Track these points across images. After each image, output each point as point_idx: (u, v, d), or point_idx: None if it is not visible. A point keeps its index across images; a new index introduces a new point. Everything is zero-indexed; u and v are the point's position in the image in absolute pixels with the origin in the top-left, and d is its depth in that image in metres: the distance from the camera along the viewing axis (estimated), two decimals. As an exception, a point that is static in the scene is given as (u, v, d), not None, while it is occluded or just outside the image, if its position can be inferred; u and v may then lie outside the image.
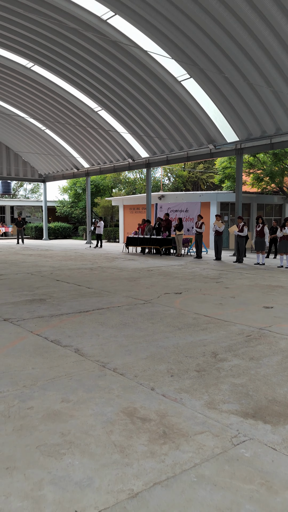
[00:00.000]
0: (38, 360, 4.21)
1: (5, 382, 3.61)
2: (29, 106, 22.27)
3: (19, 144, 28.00)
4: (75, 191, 36.43)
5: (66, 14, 13.63)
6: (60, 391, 3.45)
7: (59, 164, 27.96)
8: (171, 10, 12.26)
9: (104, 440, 2.68)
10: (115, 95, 17.96)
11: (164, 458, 2.50)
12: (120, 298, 7.67)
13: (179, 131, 18.09)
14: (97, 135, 22.16)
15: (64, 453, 2.53)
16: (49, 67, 17.63)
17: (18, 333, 5.20)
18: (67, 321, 5.85)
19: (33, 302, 7.24)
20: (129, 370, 3.96)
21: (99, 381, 3.68)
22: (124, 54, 15.23)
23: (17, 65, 18.39)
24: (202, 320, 5.98)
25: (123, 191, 40.00)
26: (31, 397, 3.32)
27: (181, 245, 17.57)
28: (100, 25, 13.95)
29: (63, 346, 4.68)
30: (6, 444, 2.62)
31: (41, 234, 33.33)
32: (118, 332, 5.28)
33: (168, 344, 4.81)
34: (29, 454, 2.52)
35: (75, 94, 19.65)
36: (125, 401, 3.27)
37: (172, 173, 40.71)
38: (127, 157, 22.31)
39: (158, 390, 3.49)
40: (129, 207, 28.01)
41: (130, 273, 11.43)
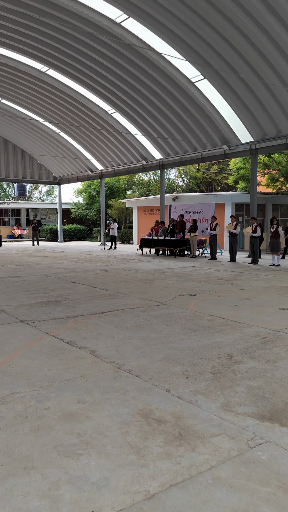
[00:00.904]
0: (54, 361, 4.25)
1: (22, 383, 3.66)
2: (44, 110, 22.52)
3: (34, 147, 28.32)
4: (90, 193, 36.66)
5: (80, 17, 13.76)
6: (76, 392, 3.48)
7: (73, 166, 28.18)
8: (185, 11, 12.27)
9: (120, 441, 2.70)
10: (129, 97, 18.04)
11: (180, 459, 2.51)
12: (134, 300, 7.70)
13: (193, 132, 18.07)
14: (111, 137, 22.28)
15: (81, 453, 2.55)
16: (64, 70, 17.80)
17: (34, 335, 5.26)
18: (82, 323, 5.89)
19: (49, 304, 7.31)
20: (144, 371, 3.97)
21: (115, 382, 3.70)
22: (138, 56, 15.29)
23: (32, 69, 18.62)
24: (217, 322, 5.96)
25: (137, 193, 40.08)
26: (47, 398, 3.36)
27: (196, 247, 17.52)
28: (114, 28, 14.03)
29: (79, 347, 4.72)
30: (23, 444, 2.66)
31: (56, 236, 33.62)
32: (133, 334, 5.30)
33: (183, 346, 4.80)
34: (46, 454, 2.55)
35: (90, 97, 19.80)
36: (141, 403, 3.28)
37: (186, 174, 40.64)
38: (141, 159, 22.37)
39: (174, 392, 3.50)
40: (143, 208, 28.06)
41: (144, 274, 11.45)
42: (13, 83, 20.36)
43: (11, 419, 2.98)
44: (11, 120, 25.10)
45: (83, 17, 13.74)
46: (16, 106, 23.51)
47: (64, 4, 13.25)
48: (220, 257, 17.25)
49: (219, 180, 40.93)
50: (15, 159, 29.36)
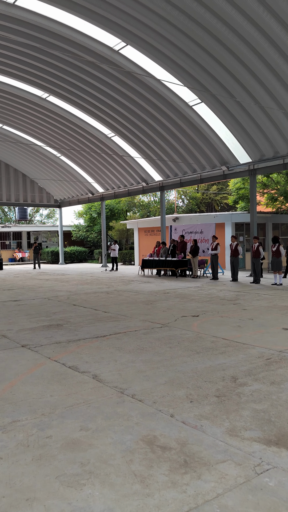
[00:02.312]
0: (56, 387, 4.20)
1: (23, 410, 3.61)
2: (45, 135, 22.90)
3: (35, 171, 28.67)
4: (90, 216, 36.90)
5: (80, 46, 14.14)
6: (78, 419, 3.43)
7: (74, 189, 28.46)
8: (181, 38, 12.61)
9: (124, 470, 2.64)
10: (128, 121, 18.36)
11: (185, 488, 2.45)
12: (137, 322, 7.65)
13: (192, 154, 18.31)
14: (111, 161, 22.57)
15: (84, 483, 2.50)
16: (64, 97, 18.18)
17: (35, 360, 5.22)
18: (84, 347, 5.85)
19: (50, 327, 7.27)
20: (148, 396, 3.91)
21: (118, 408, 3.65)
22: (136, 82, 15.64)
23: (33, 96, 19.02)
24: (220, 344, 5.91)
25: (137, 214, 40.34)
26: (49, 425, 3.31)
27: (197, 267, 17.51)
28: (113, 55, 14.40)
29: (81, 372, 4.67)
30: (25, 474, 2.60)
31: (57, 258, 33.68)
32: (135, 357, 5.25)
33: (186, 368, 4.75)
34: (49, 484, 2.49)
35: (89, 122, 20.16)
36: (145, 429, 3.22)
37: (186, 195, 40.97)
38: (141, 181, 22.60)
39: (178, 417, 3.44)
40: (144, 229, 28.18)
41: (146, 296, 11.41)
42: (14, 109, 20.77)
43: (13, 449, 2.93)
44: (13, 145, 25.50)
45: (83, 45, 14.12)
46: (17, 132, 23.92)
47: (64, 34, 13.64)
48: (222, 277, 17.22)
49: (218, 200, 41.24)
50: (16, 183, 29.69)
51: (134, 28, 12.61)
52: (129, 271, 22.58)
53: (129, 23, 12.44)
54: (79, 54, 14.38)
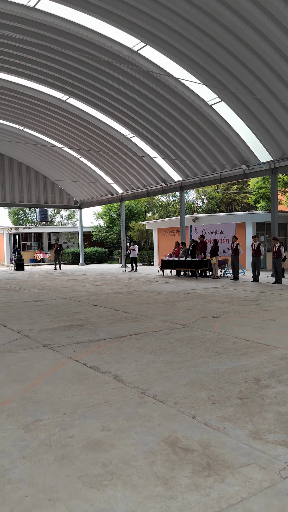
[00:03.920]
0: (78, 387, 4.21)
1: (46, 410, 3.62)
2: (65, 137, 23.11)
3: (56, 173, 28.97)
4: (110, 216, 37.06)
5: (98, 47, 14.22)
6: (100, 419, 3.42)
7: (94, 190, 28.64)
8: (200, 37, 12.53)
9: (146, 471, 2.62)
10: (147, 122, 18.36)
11: (209, 491, 2.41)
12: (157, 322, 7.62)
13: (212, 153, 18.17)
14: (131, 161, 22.61)
15: (106, 484, 2.48)
16: (83, 98, 18.31)
17: (57, 359, 5.25)
18: (105, 347, 5.85)
19: (71, 327, 7.31)
20: (169, 397, 3.88)
21: (139, 408, 3.62)
22: (155, 82, 15.62)
23: (53, 98, 19.22)
24: (242, 345, 5.82)
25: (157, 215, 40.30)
26: (71, 425, 3.31)
27: (217, 267, 17.36)
28: (132, 56, 14.42)
29: (102, 372, 4.67)
30: (48, 474, 2.60)
31: (77, 259, 33.94)
32: (156, 358, 5.22)
33: (208, 370, 4.70)
34: (71, 485, 2.49)
35: (109, 123, 20.24)
36: (166, 430, 3.19)
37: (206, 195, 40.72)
38: (160, 181, 22.56)
39: (200, 419, 3.40)
40: (163, 230, 28.12)
41: (166, 296, 11.37)
42: (35, 112, 21.03)
43: (35, 448, 2.94)
44: (34, 147, 25.83)
45: (102, 46, 14.19)
46: (38, 134, 24.22)
47: (83, 35, 13.73)
48: (243, 277, 17.03)
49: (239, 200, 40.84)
50: (37, 185, 30.06)
51: (152, 28, 12.59)
52: (148, 271, 22.57)
53: (148, 23, 12.43)
54: (98, 56, 14.45)
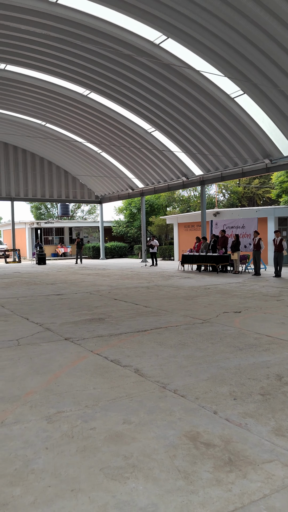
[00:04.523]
0: (99, 380, 4.24)
1: (68, 402, 3.67)
2: (86, 131, 23.20)
3: (77, 168, 29.15)
4: (130, 211, 37.12)
5: (120, 41, 14.17)
6: (121, 412, 3.44)
7: (114, 185, 28.70)
8: (223, 29, 12.34)
9: (167, 465, 2.62)
10: (168, 116, 18.25)
11: (231, 486, 2.39)
12: (177, 317, 7.61)
13: (233, 147, 17.94)
14: (151, 156, 22.54)
15: (128, 477, 2.50)
16: (104, 93, 18.32)
17: (79, 353, 5.30)
18: (126, 341, 5.87)
19: (92, 321, 7.37)
20: (190, 392, 3.87)
21: (160, 402, 3.63)
22: (176, 75, 15.49)
23: (75, 93, 19.30)
24: (264, 340, 5.76)
25: (177, 209, 40.14)
26: (93, 417, 3.34)
27: (239, 262, 17.19)
28: (153, 49, 14.33)
29: (123, 366, 4.69)
30: (70, 465, 2.64)
31: (98, 253, 34.16)
32: (177, 352, 5.21)
33: (229, 365, 4.66)
34: (93, 476, 2.51)
35: (130, 117, 20.21)
36: (187, 425, 3.19)
37: (227, 189, 40.30)
38: (181, 176, 22.43)
39: (221, 414, 3.38)
40: (183, 225, 28.00)
41: (187, 291, 11.33)
42: (56, 107, 21.17)
43: (58, 439, 2.98)
44: (55, 143, 26.04)
45: (123, 40, 14.14)
46: (59, 129, 24.39)
47: (104, 29, 13.71)
48: (264, 273, 16.82)
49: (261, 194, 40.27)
50: (58, 179, 30.33)
51: (174, 20, 12.47)
52: (168, 266, 22.54)
53: (170, 15, 12.31)
54: (119, 49, 14.42)
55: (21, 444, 2.91)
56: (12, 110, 22.72)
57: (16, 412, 3.47)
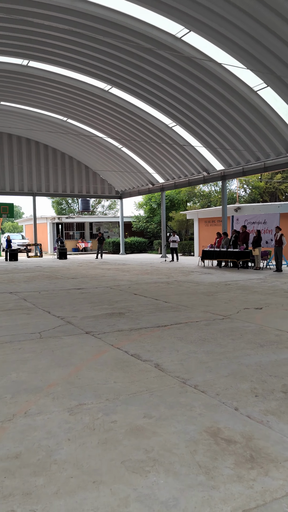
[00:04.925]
0: (120, 374, 4.27)
1: (89, 395, 3.71)
2: (107, 127, 23.25)
3: (97, 163, 29.27)
4: (150, 206, 37.08)
5: (141, 35, 14.11)
6: (142, 406, 3.46)
7: (135, 180, 28.71)
8: (246, 20, 12.14)
9: (188, 460, 2.63)
10: (189, 110, 18.11)
11: (252, 483, 2.38)
12: (198, 313, 7.58)
13: (256, 141, 17.68)
14: (172, 150, 22.43)
15: (149, 470, 2.51)
16: (126, 88, 18.30)
17: (99, 347, 5.34)
18: (146, 335, 5.89)
19: (113, 315, 7.42)
20: (211, 387, 3.86)
21: (180, 398, 3.63)
22: (198, 69, 15.34)
23: (96, 88, 19.35)
24: (285, 337, 5.68)
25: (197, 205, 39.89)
26: (114, 411, 3.37)
27: (260, 258, 17.00)
28: (175, 42, 14.22)
29: (143, 360, 4.71)
30: (92, 457, 2.67)
31: (118, 248, 34.29)
32: (197, 348, 5.20)
33: (250, 361, 4.63)
34: (115, 468, 2.54)
35: (150, 112, 20.15)
36: (208, 420, 3.18)
37: (248, 184, 39.81)
38: (202, 171, 22.26)
39: (242, 411, 3.36)
40: (204, 220, 27.82)
41: (207, 287, 11.27)
42: (78, 103, 21.27)
43: (80, 431, 3.02)
44: (76, 138, 26.18)
45: (145, 34, 14.07)
46: (80, 125, 24.51)
47: (126, 24, 13.67)
48: (286, 269, 16.57)
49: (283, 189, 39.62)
50: (79, 175, 30.52)
51: (197, 13, 12.33)
52: (188, 262, 22.46)
53: (192, 8, 12.18)
54: (141, 44, 14.36)
55: (44, 435, 2.96)
56: (34, 106, 22.95)
57: (39, 403, 3.53)
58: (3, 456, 2.69)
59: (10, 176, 28.17)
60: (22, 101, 22.32)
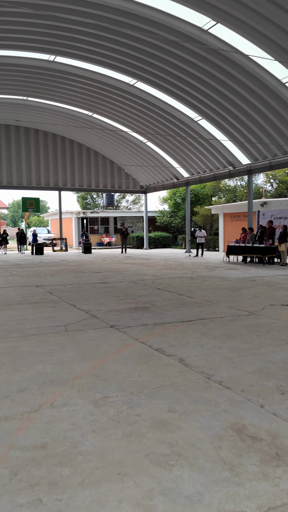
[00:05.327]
0: (144, 368, 4.28)
1: (113, 388, 3.74)
2: (132, 121, 23.23)
3: (122, 158, 29.31)
4: (175, 201, 36.91)
5: (167, 28, 13.99)
6: (166, 400, 3.46)
7: (159, 175, 28.62)
8: (274, 11, 11.87)
9: (212, 455, 2.61)
10: (215, 103, 17.88)
11: (278, 481, 2.35)
12: (222, 308, 7.52)
13: (283, 135, 17.31)
14: (197, 144, 22.24)
15: (173, 464, 2.52)
16: (151, 82, 18.21)
17: (124, 340, 5.37)
18: (170, 330, 5.89)
19: (137, 310, 7.44)
20: (236, 384, 3.82)
21: (205, 393, 3.61)
22: (225, 61, 15.10)
23: (122, 83, 19.34)
24: (313, 335, 5.57)
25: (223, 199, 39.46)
26: (138, 404, 3.38)
27: (286, 254, 16.69)
28: (201, 35, 14.03)
29: (167, 355, 4.71)
30: (116, 449, 2.69)
31: (142, 243, 34.33)
32: (222, 344, 5.16)
33: (276, 358, 4.56)
34: (139, 461, 2.55)
35: (176, 106, 20.00)
36: (233, 417, 3.16)
37: (275, 179, 39.08)
38: (227, 165, 21.99)
39: (268, 408, 3.31)
40: (229, 215, 27.52)
41: (232, 283, 11.16)
42: (103, 97, 21.32)
43: (104, 423, 3.05)
44: (101, 133, 26.29)
45: (170, 27, 13.95)
46: (105, 119, 24.57)
47: (151, 17, 13.58)
48: (314, 265, 16.21)
49: (311, 183, 38.70)
50: (104, 169, 30.66)
51: (224, 4, 12.12)
52: (213, 257, 22.28)
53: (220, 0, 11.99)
54: (166, 37, 14.23)
55: (69, 426, 3.01)
56: (60, 101, 23.15)
57: (64, 395, 3.58)
58: (30, 446, 2.75)
59: (37, 171, 28.56)
60: (49, 96, 22.55)
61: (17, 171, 28.02)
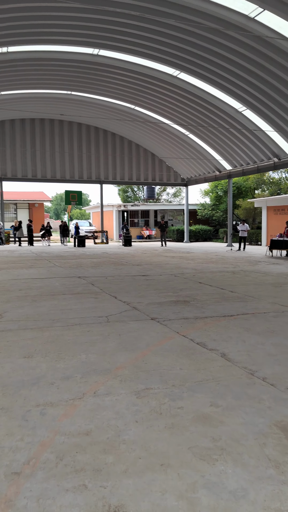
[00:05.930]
0: (185, 361, 4.27)
1: (155, 380, 3.75)
2: (173, 113, 23.04)
3: (163, 150, 29.19)
4: (216, 194, 36.39)
5: (211, 17, 13.71)
6: (208, 394, 3.44)
7: (201, 167, 28.28)
8: None
9: (257, 452, 2.57)
10: (260, 93, 17.39)
11: None
12: (265, 304, 7.36)
13: None
14: (241, 136, 21.76)
15: (216, 459, 2.50)
16: (194, 72, 17.96)
17: (165, 333, 5.38)
18: (211, 324, 5.83)
19: (178, 303, 7.42)
20: (280, 381, 3.74)
21: (248, 389, 3.56)
22: (271, 49, 14.62)
23: (164, 74, 19.20)
24: None
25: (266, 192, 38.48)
26: (180, 397, 3.38)
27: None
28: (247, 23, 13.65)
29: (209, 349, 4.67)
30: (159, 440, 2.71)
31: (182, 236, 34.16)
32: (265, 340, 5.05)
33: None
34: (181, 454, 2.55)
35: (219, 96, 19.65)
36: (278, 414, 3.09)
37: None
38: (272, 157, 21.38)
39: (315, 407, 3.21)
40: (273, 208, 26.81)
41: (275, 278, 10.89)
42: (145, 89, 21.27)
43: (147, 414, 3.07)
44: (143, 125, 26.28)
45: (214, 16, 13.65)
46: (147, 112, 24.53)
47: (195, 5, 13.34)
48: None
49: None
50: (145, 162, 30.67)
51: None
52: (255, 251, 21.82)
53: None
54: (210, 26, 13.95)
55: (112, 415, 3.05)
56: (103, 94, 23.33)
57: (107, 384, 3.64)
58: (75, 432, 2.81)
59: (79, 164, 29.01)
60: (92, 90, 22.78)
61: (60, 164, 28.58)
